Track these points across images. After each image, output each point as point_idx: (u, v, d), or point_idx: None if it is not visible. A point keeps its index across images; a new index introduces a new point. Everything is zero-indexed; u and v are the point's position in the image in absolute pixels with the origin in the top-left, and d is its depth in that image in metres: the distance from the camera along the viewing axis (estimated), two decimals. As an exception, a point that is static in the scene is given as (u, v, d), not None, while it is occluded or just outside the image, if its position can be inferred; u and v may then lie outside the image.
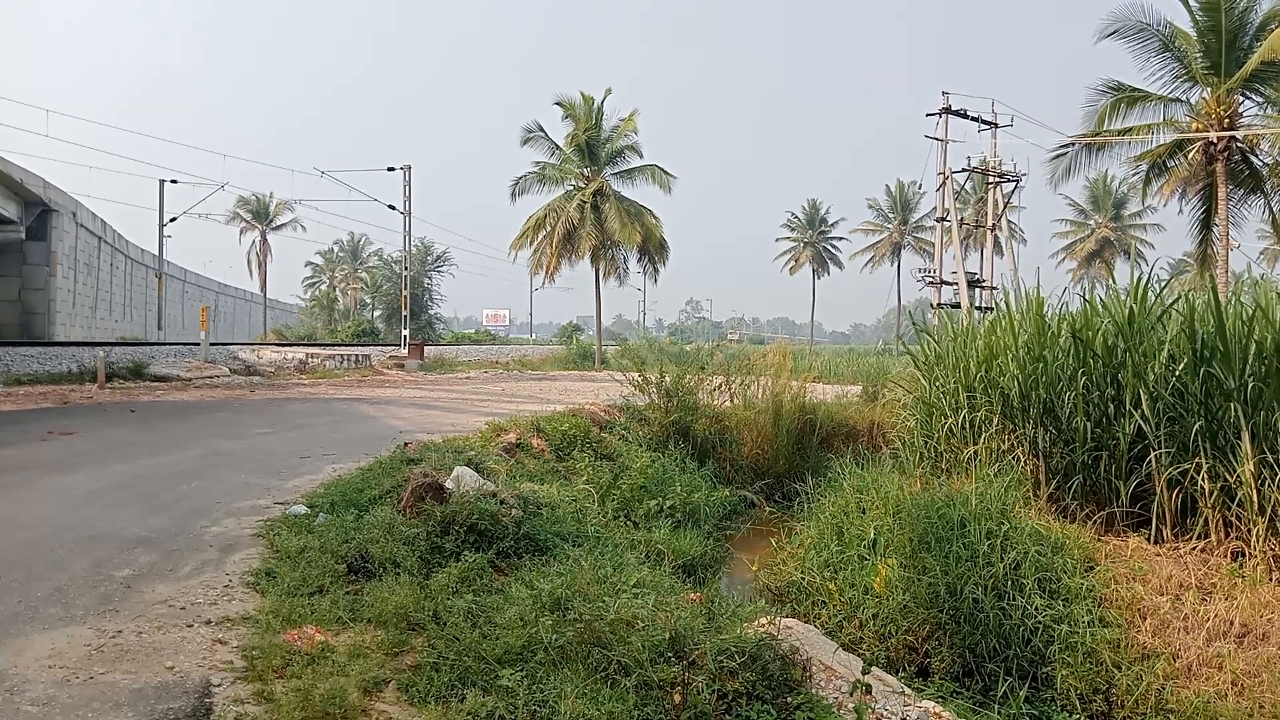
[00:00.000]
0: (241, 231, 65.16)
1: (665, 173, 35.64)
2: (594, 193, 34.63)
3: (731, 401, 15.12)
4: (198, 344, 25.51)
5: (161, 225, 40.27)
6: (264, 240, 65.26)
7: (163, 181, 39.09)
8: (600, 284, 36.38)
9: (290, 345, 35.17)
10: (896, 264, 70.05)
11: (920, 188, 68.04)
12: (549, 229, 34.99)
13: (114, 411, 13.48)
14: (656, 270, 37.14)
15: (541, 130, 35.55)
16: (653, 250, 36.09)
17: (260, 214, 64.41)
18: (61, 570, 5.17)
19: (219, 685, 3.80)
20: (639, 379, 14.34)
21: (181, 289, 58.82)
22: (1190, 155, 23.81)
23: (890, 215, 71.04)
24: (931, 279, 35.49)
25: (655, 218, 35.99)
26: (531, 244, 35.80)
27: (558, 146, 35.72)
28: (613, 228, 33.99)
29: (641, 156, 36.28)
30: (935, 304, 34.25)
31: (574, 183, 36.01)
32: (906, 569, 7.31)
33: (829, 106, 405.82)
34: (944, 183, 33.72)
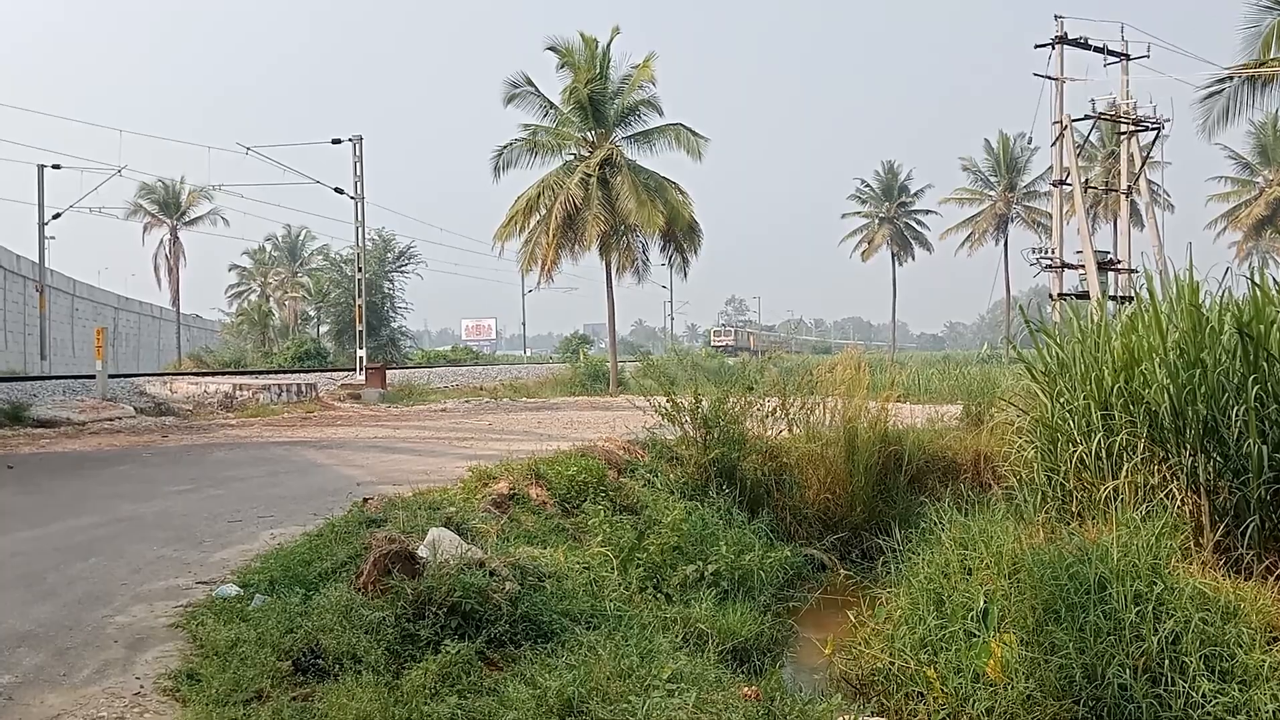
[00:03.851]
0: (146, 228, 66.24)
1: (693, 134, 35.66)
2: (601, 162, 34.77)
3: (790, 431, 15.07)
4: (93, 376, 25.64)
5: (42, 224, 40.79)
6: (175, 238, 66.26)
7: (41, 166, 39.28)
8: (613, 281, 36.49)
9: (213, 374, 35.49)
10: (1003, 242, 69.80)
11: (1030, 142, 67.85)
12: (544, 211, 35.14)
13: (-13, 468, 13.63)
14: (686, 261, 37.22)
15: (531, 84, 35.71)
16: (680, 235, 36.12)
17: (169, 205, 65.33)
18: (-76, 678, 5.23)
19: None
20: (667, 405, 14.35)
21: (70, 305, 59.65)
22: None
23: (992, 179, 70.85)
24: (1050, 261, 35.30)
25: (682, 193, 36.03)
26: (521, 232, 35.89)
27: (552, 105, 35.88)
28: (627, 207, 33.94)
29: (661, 114, 36.46)
30: (1055, 294, 34.08)
31: (575, 150, 36.23)
32: (1029, 647, 7.24)
33: (903, 38, 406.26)
34: (1062, 134, 33.59)
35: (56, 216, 41.85)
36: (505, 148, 36.05)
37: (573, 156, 36.15)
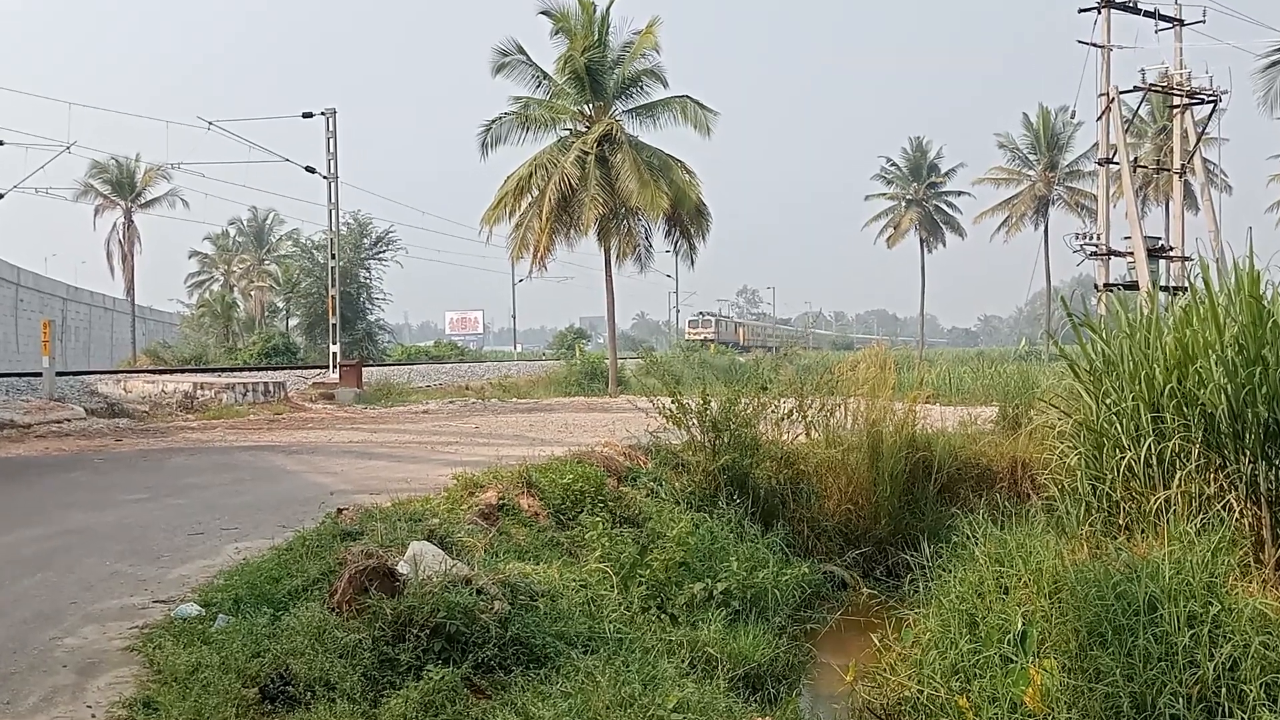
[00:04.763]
0: (97, 211, 66.02)
1: (701, 107, 35.73)
2: (600, 138, 34.79)
3: (808, 435, 15.07)
4: (39, 374, 25.73)
5: (-17, 207, 40.78)
6: (129, 222, 66.13)
7: (-19, 142, 39.34)
8: (613, 270, 36.52)
9: (171, 372, 35.54)
10: (1043, 227, 69.87)
11: (1074, 116, 67.04)
12: (537, 192, 35.14)
13: (-76, 475, 13.66)
14: (693, 248, 37.24)
15: (522, 52, 35.73)
16: (686, 219, 36.14)
17: (123, 185, 65.24)
18: None
19: None
20: (672, 407, 14.34)
21: (14, 296, 59.66)
22: None
23: (1031, 157, 70.79)
24: (1095, 248, 35.26)
25: (689, 172, 36.09)
26: (511, 215, 35.90)
27: (546, 75, 35.93)
28: (628, 188, 33.94)
29: (666, 86, 36.51)
30: (1101, 284, 34.05)
31: (571, 126, 36.25)
32: (1072, 674, 7.23)
33: (939, 3, 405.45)
34: (1108, 108, 33.56)
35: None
36: (494, 122, 36.01)
37: (568, 132, 36.14)
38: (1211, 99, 35.55)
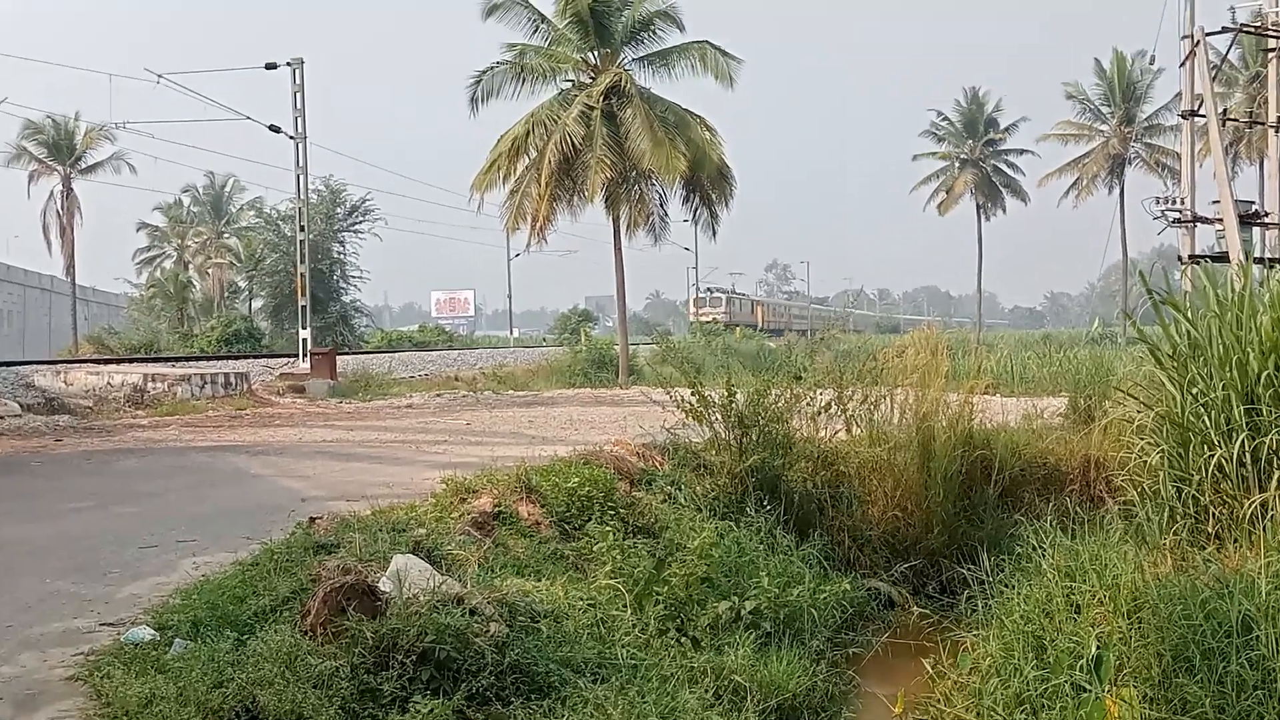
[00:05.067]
0: (32, 177, 66.25)
1: (723, 54, 35.78)
2: (606, 91, 34.82)
3: (849, 432, 15.06)
4: (-33, 365, 25.89)
5: (-96, 174, 40.90)
6: (68, 190, 66.31)
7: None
8: (622, 242, 36.64)
9: (119, 361, 35.63)
10: (1118, 190, 69.55)
11: (1153, 63, 66.95)
12: (535, 154, 35.21)
13: None
14: (714, 216, 37.32)
15: (518, -10, 35.52)
16: (707, 183, 36.17)
17: (61, 148, 65.45)
18: None
19: None
20: (692, 400, 14.34)
21: (-63, 277, 60.10)
22: None
23: (1104, 110, 70.56)
24: (1178, 214, 35.08)
25: (709, 130, 36.11)
26: (506, 180, 36.01)
27: (544, 18, 35.95)
28: (640, 148, 33.96)
29: (683, 30, 36.61)
30: (1185, 255, 33.85)
31: (573, 77, 36.30)
32: (1154, 704, 7.23)
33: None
34: (1193, 52, 33.34)
35: (-79, 164, 41.96)
36: (485, 73, 36.04)
37: (570, 84, 36.24)
38: (1314, 41, 35.34)
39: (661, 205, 36.95)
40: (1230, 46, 37.91)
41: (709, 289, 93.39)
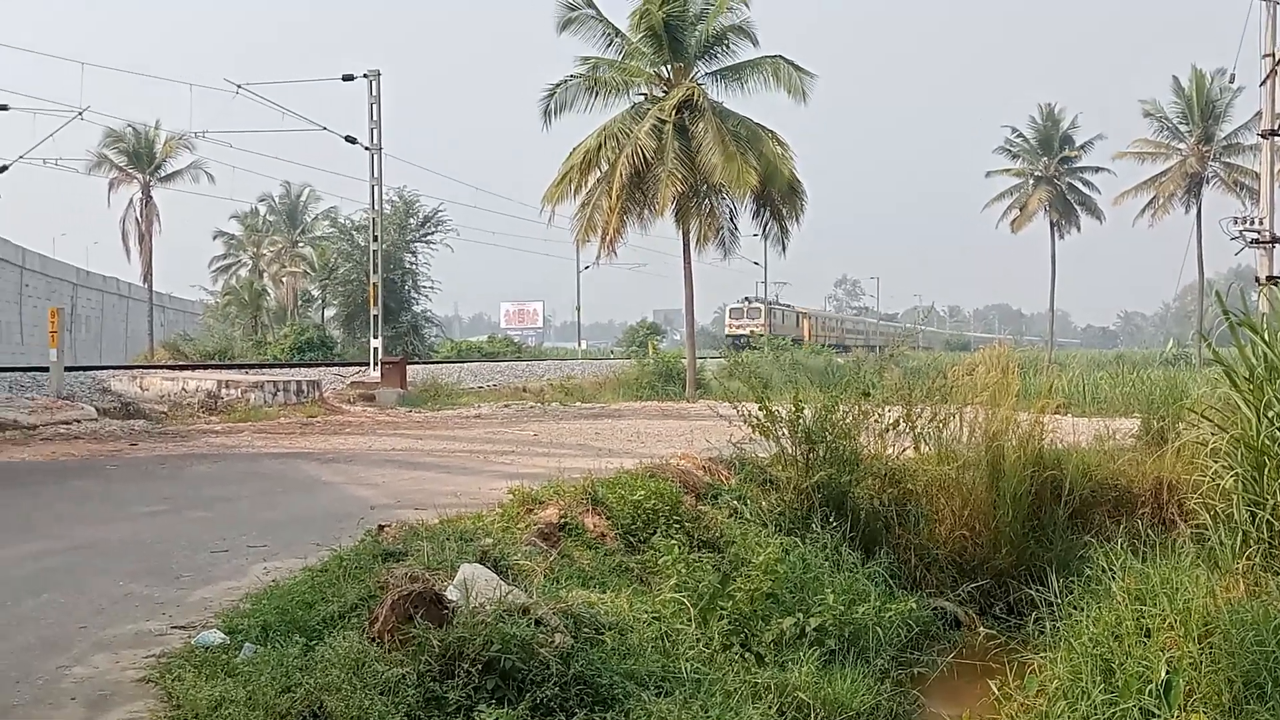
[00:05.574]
0: (112, 185, 66.61)
1: (796, 68, 35.49)
2: (679, 105, 34.75)
3: (917, 450, 14.97)
4: (45, 369, 26.27)
5: (-20, 180, 41.47)
6: (147, 198, 66.90)
7: (-20, 108, 39.61)
8: (692, 256, 36.55)
9: (193, 368, 36.12)
10: (1195, 209, 68.33)
11: (1233, 81, 65.73)
12: (606, 167, 35.20)
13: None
14: (784, 231, 37.09)
15: (591, 5, 35.64)
16: (777, 197, 36.00)
17: (141, 156, 65.95)
18: None
19: None
20: (759, 414, 14.31)
21: (19, 280, 61.18)
22: None
23: (1182, 128, 69.35)
24: (1256, 234, 34.52)
25: (781, 144, 35.90)
26: (577, 193, 36.01)
27: (618, 32, 35.92)
28: (711, 162, 33.83)
29: (756, 44, 36.32)
30: (1264, 276, 33.29)
31: (646, 90, 36.25)
32: (1226, 733, 7.10)
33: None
34: (1275, 70, 32.83)
35: (3, 170, 42.49)
36: (558, 86, 36.05)
37: (643, 98, 36.14)
38: (1400, 58, 34.68)
39: (731, 219, 36.82)
40: (1314, 64, 37.25)
41: (745, 299, 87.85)
